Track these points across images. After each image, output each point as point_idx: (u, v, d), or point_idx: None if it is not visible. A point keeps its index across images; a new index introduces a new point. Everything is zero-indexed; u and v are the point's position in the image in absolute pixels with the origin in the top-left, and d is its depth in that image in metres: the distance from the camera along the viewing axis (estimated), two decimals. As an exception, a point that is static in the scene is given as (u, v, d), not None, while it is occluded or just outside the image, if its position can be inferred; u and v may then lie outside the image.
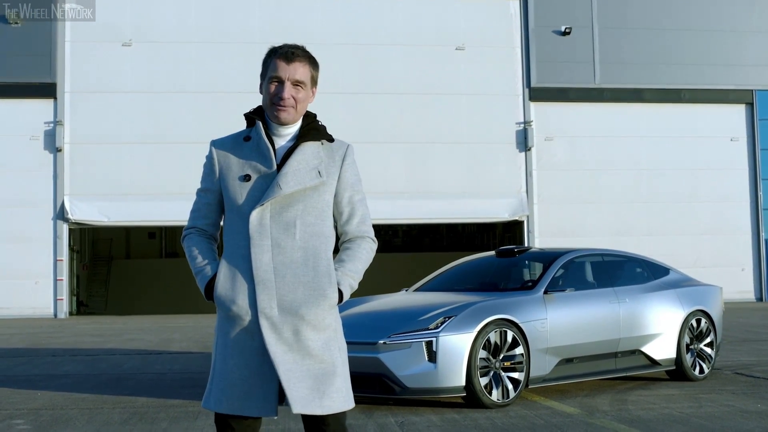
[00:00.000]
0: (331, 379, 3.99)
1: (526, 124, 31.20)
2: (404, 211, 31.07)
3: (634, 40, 32.05)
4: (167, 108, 29.60)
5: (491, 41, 31.57)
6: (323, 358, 3.99)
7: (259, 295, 3.95)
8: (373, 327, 9.60)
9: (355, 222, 4.24)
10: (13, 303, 28.68)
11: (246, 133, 4.19)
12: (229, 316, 4.03)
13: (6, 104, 29.23)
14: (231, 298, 3.99)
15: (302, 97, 4.12)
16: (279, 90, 4.08)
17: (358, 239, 4.26)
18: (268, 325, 3.93)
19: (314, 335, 3.99)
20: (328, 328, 4.06)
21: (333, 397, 3.99)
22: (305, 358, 3.95)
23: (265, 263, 3.98)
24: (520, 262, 11.76)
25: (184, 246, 4.26)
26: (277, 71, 4.09)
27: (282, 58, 4.11)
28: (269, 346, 3.90)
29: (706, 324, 11.82)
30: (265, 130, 4.13)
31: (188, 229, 4.27)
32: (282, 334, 3.93)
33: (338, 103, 30.06)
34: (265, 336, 3.92)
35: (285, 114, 4.08)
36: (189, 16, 30.25)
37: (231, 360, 4.02)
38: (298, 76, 4.10)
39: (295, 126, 4.16)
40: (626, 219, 31.60)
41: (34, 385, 11.79)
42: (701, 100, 32.22)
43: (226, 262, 4.06)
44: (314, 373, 3.96)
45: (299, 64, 4.12)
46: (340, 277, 4.13)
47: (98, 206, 29.16)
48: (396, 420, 8.78)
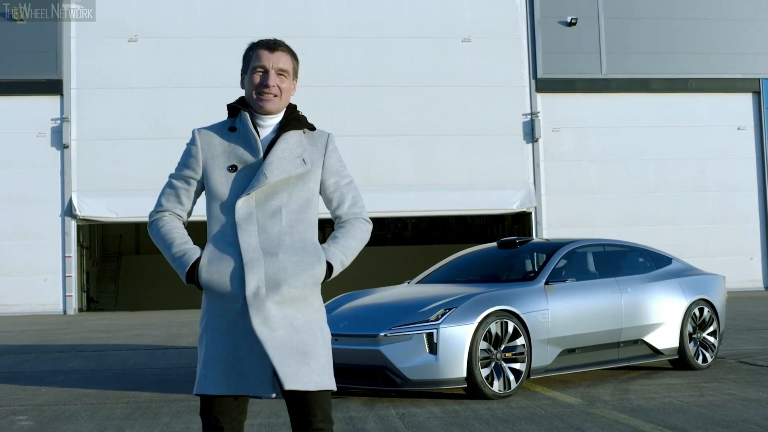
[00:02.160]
0: (316, 357, 3.99)
1: (533, 115, 31.16)
2: (413, 203, 31.09)
3: (641, 30, 31.96)
4: (174, 103, 29.65)
5: (497, 32, 31.53)
6: (307, 336, 3.99)
7: (248, 275, 3.94)
8: (374, 319, 9.63)
9: (346, 205, 4.26)
10: (23, 300, 28.79)
11: (230, 123, 4.20)
12: (217, 299, 4.03)
13: (13, 101, 29.32)
14: (219, 280, 3.99)
15: (286, 87, 4.15)
16: (264, 78, 4.09)
17: (351, 220, 4.27)
18: (256, 305, 3.92)
19: (298, 314, 4.00)
20: (311, 306, 4.07)
21: (320, 373, 3.98)
22: (290, 336, 3.94)
23: (253, 246, 3.99)
24: (521, 253, 11.74)
25: (154, 228, 4.22)
26: (260, 60, 4.11)
27: (265, 47, 4.14)
28: (255, 326, 3.89)
29: (708, 313, 11.81)
30: (251, 118, 4.15)
31: (160, 211, 4.24)
32: (269, 313, 3.93)
33: (345, 96, 30.12)
34: (251, 316, 3.91)
35: (270, 104, 4.10)
36: (194, 11, 30.28)
37: (223, 342, 4.01)
38: (282, 64, 4.13)
39: (277, 117, 4.18)
40: (634, 209, 31.54)
41: (39, 381, 11.84)
42: (708, 89, 32.12)
43: (210, 247, 4.06)
44: (301, 350, 3.95)
45: (282, 53, 4.15)
46: (332, 252, 4.13)
47: (106, 202, 29.23)
48: (397, 412, 8.79)
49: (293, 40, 22.68)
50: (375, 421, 8.36)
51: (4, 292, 28.81)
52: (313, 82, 29.28)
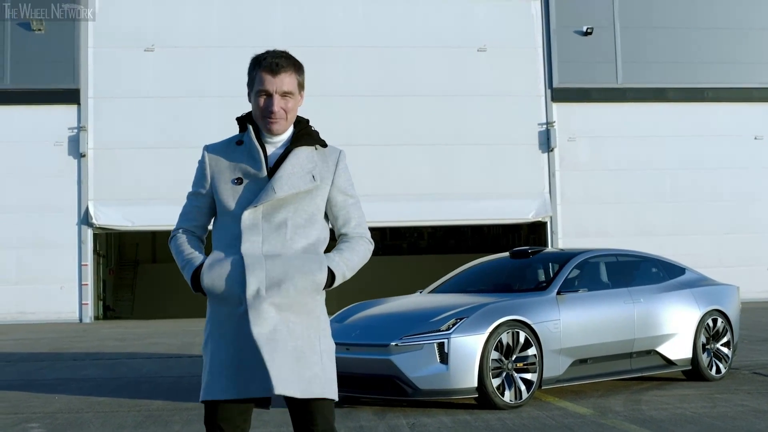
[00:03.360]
0: (309, 365, 4.00)
1: (549, 124, 31.11)
2: (428, 212, 31.04)
3: (657, 40, 31.88)
4: (190, 112, 29.73)
5: (513, 42, 31.49)
6: (303, 342, 4.01)
7: (249, 276, 3.96)
8: (386, 329, 9.64)
9: (352, 225, 4.29)
10: (39, 308, 28.87)
11: (239, 137, 4.24)
12: (220, 303, 4.07)
13: (30, 110, 29.44)
14: (220, 285, 4.02)
15: (291, 107, 4.15)
16: (268, 104, 4.10)
17: (356, 238, 4.30)
18: (255, 306, 3.95)
19: (296, 319, 4.02)
20: (311, 313, 4.09)
21: (311, 381, 3.99)
22: (287, 341, 3.96)
23: (256, 253, 4.02)
24: (534, 263, 11.72)
25: (171, 245, 4.30)
26: (263, 85, 4.11)
27: (267, 71, 4.11)
28: (253, 328, 3.92)
29: (722, 323, 11.77)
30: (256, 134, 4.17)
31: (175, 230, 4.32)
32: (267, 315, 3.95)
33: (360, 106, 30.14)
34: (250, 317, 3.93)
35: (276, 126, 4.13)
36: (211, 21, 30.38)
37: (229, 347, 4.04)
38: (286, 87, 4.12)
39: (286, 133, 4.20)
40: (649, 219, 31.41)
41: (53, 388, 11.89)
42: (724, 98, 31.99)
43: (214, 254, 4.10)
44: (295, 356, 3.97)
45: (285, 75, 4.12)
46: (336, 261, 4.15)
47: (122, 211, 29.31)
48: (408, 421, 8.80)
49: (309, 49, 22.90)
50: (384, 431, 8.36)
51: (21, 300, 28.90)
52: (329, 91, 29.36)
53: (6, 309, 28.70)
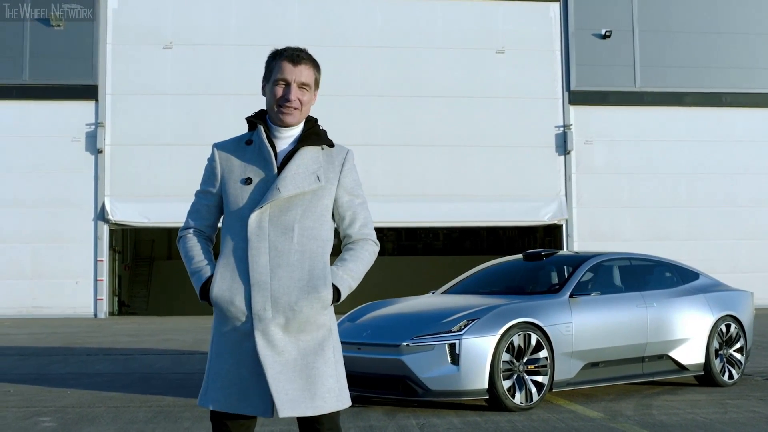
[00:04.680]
0: (323, 380, 4.01)
1: (566, 127, 31.06)
2: (444, 214, 31.04)
3: (675, 44, 31.79)
4: (207, 110, 29.80)
5: (531, 44, 31.45)
6: (316, 358, 4.02)
7: (254, 296, 3.98)
8: (397, 329, 9.64)
9: (357, 226, 4.28)
10: (54, 303, 28.99)
11: (248, 136, 4.25)
12: (225, 317, 4.07)
13: (48, 106, 29.57)
14: (227, 298, 4.03)
15: (307, 100, 4.18)
16: (286, 92, 4.13)
17: (361, 241, 4.29)
18: (261, 328, 3.97)
19: (307, 336, 4.03)
20: (322, 327, 4.08)
21: (325, 397, 4.00)
22: (295, 361, 3.97)
23: (262, 265, 4.01)
24: (547, 265, 11.70)
25: (180, 246, 4.32)
26: (283, 73, 4.15)
27: (288, 60, 4.16)
28: (260, 349, 3.94)
29: (735, 329, 11.72)
30: (267, 132, 4.17)
31: (185, 229, 4.33)
32: (275, 336, 3.97)
33: (377, 106, 30.16)
34: (256, 340, 3.96)
35: (290, 117, 4.14)
36: (229, 18, 30.44)
37: (226, 360, 4.06)
38: (304, 78, 4.16)
39: (296, 129, 4.21)
40: (665, 223, 31.33)
41: (65, 383, 11.94)
42: (743, 103, 31.86)
43: (223, 263, 4.09)
44: (306, 374, 3.98)
45: (304, 66, 4.17)
46: (341, 276, 4.15)
47: (139, 207, 29.41)
48: (417, 422, 8.80)
49: (326, 48, 23.00)
50: (394, 431, 8.36)
51: (37, 295, 29.04)
52: (345, 91, 29.40)
53: (21, 303, 28.83)
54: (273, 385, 3.92)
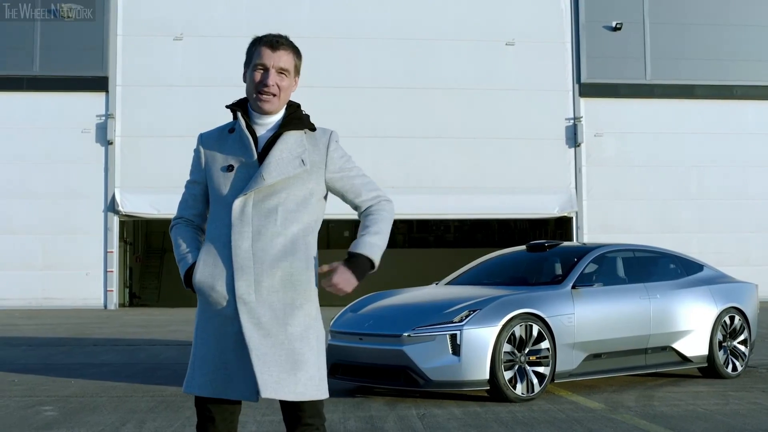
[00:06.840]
0: (305, 367, 4.01)
1: (576, 119, 31.00)
2: (455, 206, 31.04)
3: (686, 36, 31.67)
4: (217, 102, 29.36)
5: (541, 36, 31.38)
6: (302, 344, 4.02)
7: (237, 281, 3.98)
8: (399, 320, 9.65)
9: (363, 193, 4.26)
10: (65, 294, 29.09)
11: (231, 125, 4.26)
12: (208, 302, 4.07)
13: (59, 97, 29.64)
14: (210, 284, 4.04)
15: (286, 85, 4.17)
16: (264, 77, 4.14)
17: (373, 205, 4.28)
18: (246, 311, 3.97)
19: (292, 321, 4.02)
20: (307, 315, 4.08)
21: (306, 384, 4.00)
22: (282, 344, 3.97)
23: (245, 249, 4.01)
24: (550, 256, 11.66)
25: (171, 235, 4.34)
26: (261, 58, 4.16)
27: (267, 45, 4.17)
28: (245, 331, 3.94)
29: (740, 321, 11.70)
30: (246, 120, 4.18)
31: (176, 219, 4.36)
32: (259, 320, 3.97)
33: (387, 98, 30.14)
34: (242, 322, 3.95)
35: (268, 104, 4.14)
36: (240, 10, 30.43)
37: (210, 345, 4.06)
38: (283, 63, 4.16)
39: (277, 115, 4.21)
40: (675, 216, 31.24)
41: (70, 373, 11.99)
42: (753, 96, 31.74)
43: (206, 249, 4.11)
44: (293, 359, 3.98)
45: (284, 52, 4.17)
46: (368, 243, 4.15)
47: (148, 199, 29.45)
48: (418, 412, 8.81)
49: (336, 40, 23.08)
50: (394, 421, 8.38)
51: (47, 286, 29.14)
52: (357, 83, 29.44)
53: (32, 294, 28.94)
54: (257, 365, 3.91)
